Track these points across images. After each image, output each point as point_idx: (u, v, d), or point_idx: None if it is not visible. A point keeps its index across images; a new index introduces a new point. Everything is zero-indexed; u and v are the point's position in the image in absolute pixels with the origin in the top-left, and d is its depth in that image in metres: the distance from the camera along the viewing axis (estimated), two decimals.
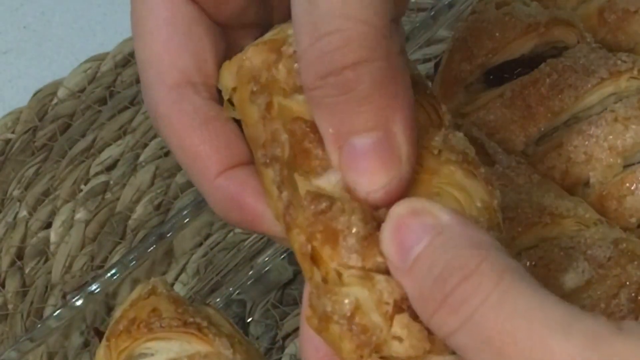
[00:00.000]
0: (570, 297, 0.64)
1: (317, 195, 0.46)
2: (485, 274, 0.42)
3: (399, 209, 0.45)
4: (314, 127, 0.48)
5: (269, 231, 0.52)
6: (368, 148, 0.47)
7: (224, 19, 0.55)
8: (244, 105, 0.51)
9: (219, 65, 0.54)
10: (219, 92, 0.54)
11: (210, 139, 0.53)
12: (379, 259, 0.45)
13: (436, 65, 0.79)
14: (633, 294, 0.63)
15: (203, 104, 0.53)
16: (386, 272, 0.45)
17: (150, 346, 0.62)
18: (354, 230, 0.45)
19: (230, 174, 0.52)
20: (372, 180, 0.47)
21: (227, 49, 0.55)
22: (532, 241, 0.66)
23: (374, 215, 0.46)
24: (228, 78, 0.53)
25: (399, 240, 0.45)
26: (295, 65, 0.49)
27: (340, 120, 0.47)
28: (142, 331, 0.62)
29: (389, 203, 0.47)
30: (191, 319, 0.62)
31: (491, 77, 0.74)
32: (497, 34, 0.73)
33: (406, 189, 0.47)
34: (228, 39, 0.56)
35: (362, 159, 0.47)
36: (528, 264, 0.65)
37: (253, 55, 0.51)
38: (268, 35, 0.52)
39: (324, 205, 0.46)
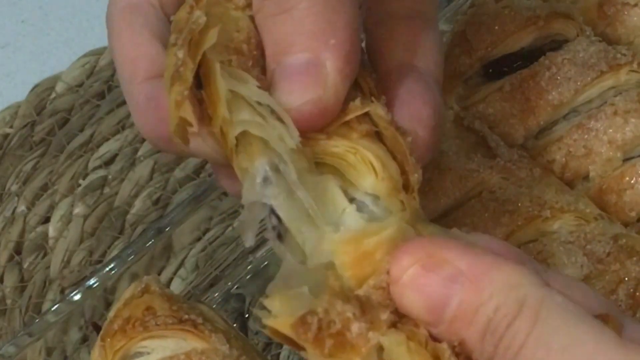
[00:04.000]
0: None
1: (302, 320, 0.46)
2: (525, 316, 0.44)
3: (409, 268, 0.46)
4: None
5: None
6: (295, 68, 0.48)
7: None
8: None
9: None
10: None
11: (147, 48, 0.54)
12: (383, 316, 0.46)
13: None
14: (631, 290, 0.63)
15: (154, 20, 0.55)
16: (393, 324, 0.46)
17: (146, 345, 0.62)
18: (348, 315, 0.46)
19: (155, 81, 0.53)
20: (290, 98, 0.48)
21: None
22: (531, 235, 0.66)
23: (348, 288, 0.47)
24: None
25: (426, 302, 0.45)
26: None
27: (277, 40, 0.49)
28: (137, 330, 0.62)
29: (304, 127, 0.48)
30: (186, 316, 0.62)
31: (490, 70, 0.74)
32: (497, 28, 0.73)
33: (327, 119, 0.49)
34: None
35: (287, 77, 0.49)
36: None
37: None
38: None
39: (315, 324, 0.46)
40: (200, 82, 0.50)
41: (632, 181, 0.69)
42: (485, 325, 0.44)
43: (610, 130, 0.70)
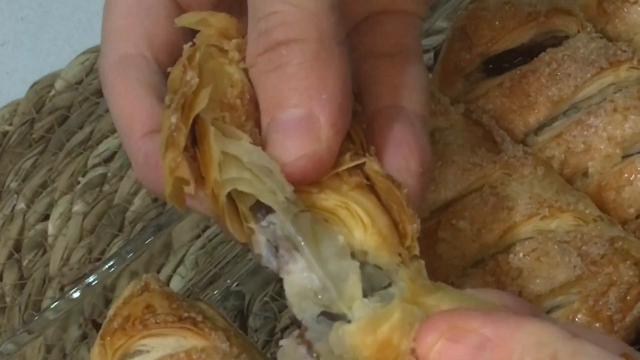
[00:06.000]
0: (559, 291, 0.64)
1: None
2: None
3: (434, 344, 0.45)
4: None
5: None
6: (289, 124, 0.49)
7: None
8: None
9: (173, 44, 0.56)
10: None
11: (142, 103, 0.55)
12: None
13: (436, 54, 0.78)
14: (623, 294, 0.63)
15: (148, 73, 0.56)
16: None
17: (146, 343, 0.62)
18: None
19: (152, 137, 0.53)
20: (285, 153, 0.49)
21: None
22: (528, 232, 0.66)
23: None
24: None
25: None
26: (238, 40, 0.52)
27: (271, 96, 0.50)
28: (137, 328, 0.62)
29: (299, 181, 0.49)
30: (186, 314, 0.62)
31: (491, 66, 0.74)
32: (497, 23, 0.73)
33: (321, 173, 0.49)
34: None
35: (281, 132, 0.49)
36: (521, 254, 0.65)
37: (218, 19, 0.53)
38: None
39: None
40: (195, 139, 0.51)
41: (631, 178, 0.69)
42: None
43: (610, 127, 0.70)
